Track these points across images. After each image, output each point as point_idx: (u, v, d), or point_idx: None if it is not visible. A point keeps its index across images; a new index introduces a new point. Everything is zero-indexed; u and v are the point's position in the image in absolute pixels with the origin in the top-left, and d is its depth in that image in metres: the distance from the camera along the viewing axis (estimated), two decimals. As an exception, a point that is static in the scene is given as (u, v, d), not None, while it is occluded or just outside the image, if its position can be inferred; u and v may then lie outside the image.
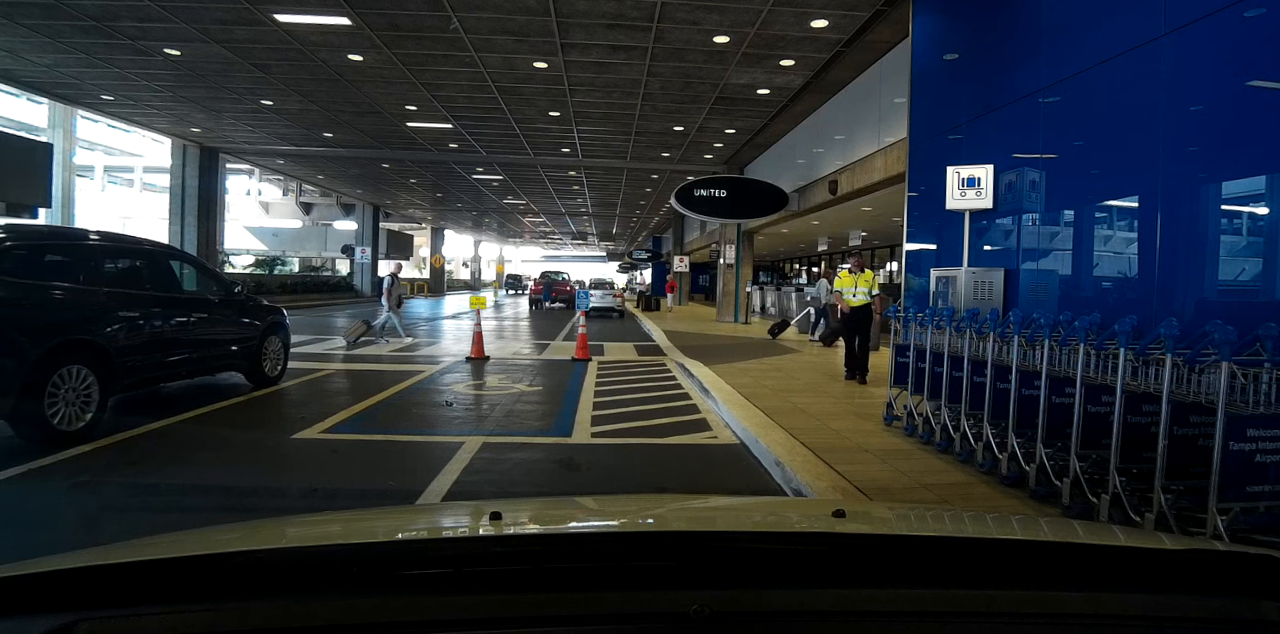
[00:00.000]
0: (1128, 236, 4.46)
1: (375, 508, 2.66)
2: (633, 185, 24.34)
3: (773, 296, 23.00)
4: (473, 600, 0.84)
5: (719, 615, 0.79)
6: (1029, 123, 5.45)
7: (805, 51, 10.24)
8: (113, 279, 5.59)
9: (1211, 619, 0.85)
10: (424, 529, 1.32)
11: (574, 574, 0.90)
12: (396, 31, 9.88)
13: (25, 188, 14.13)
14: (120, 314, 5.48)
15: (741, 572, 0.91)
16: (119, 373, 5.30)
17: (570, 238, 52.08)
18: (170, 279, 6.34)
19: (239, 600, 0.82)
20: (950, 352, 4.66)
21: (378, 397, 6.86)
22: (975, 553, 1.02)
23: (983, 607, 0.86)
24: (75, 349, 4.91)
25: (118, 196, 38.72)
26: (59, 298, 4.98)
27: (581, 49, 10.37)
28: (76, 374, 4.85)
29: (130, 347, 5.47)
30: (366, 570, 0.90)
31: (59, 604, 0.80)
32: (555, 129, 15.66)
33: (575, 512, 1.62)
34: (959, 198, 5.76)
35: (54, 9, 9.26)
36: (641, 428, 5.70)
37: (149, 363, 5.71)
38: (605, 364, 9.87)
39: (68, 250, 5.38)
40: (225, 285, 7.10)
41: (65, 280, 5.10)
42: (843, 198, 12.13)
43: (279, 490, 3.99)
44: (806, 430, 5.17)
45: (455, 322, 18.61)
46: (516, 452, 4.93)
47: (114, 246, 5.85)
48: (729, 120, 14.41)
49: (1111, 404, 3.25)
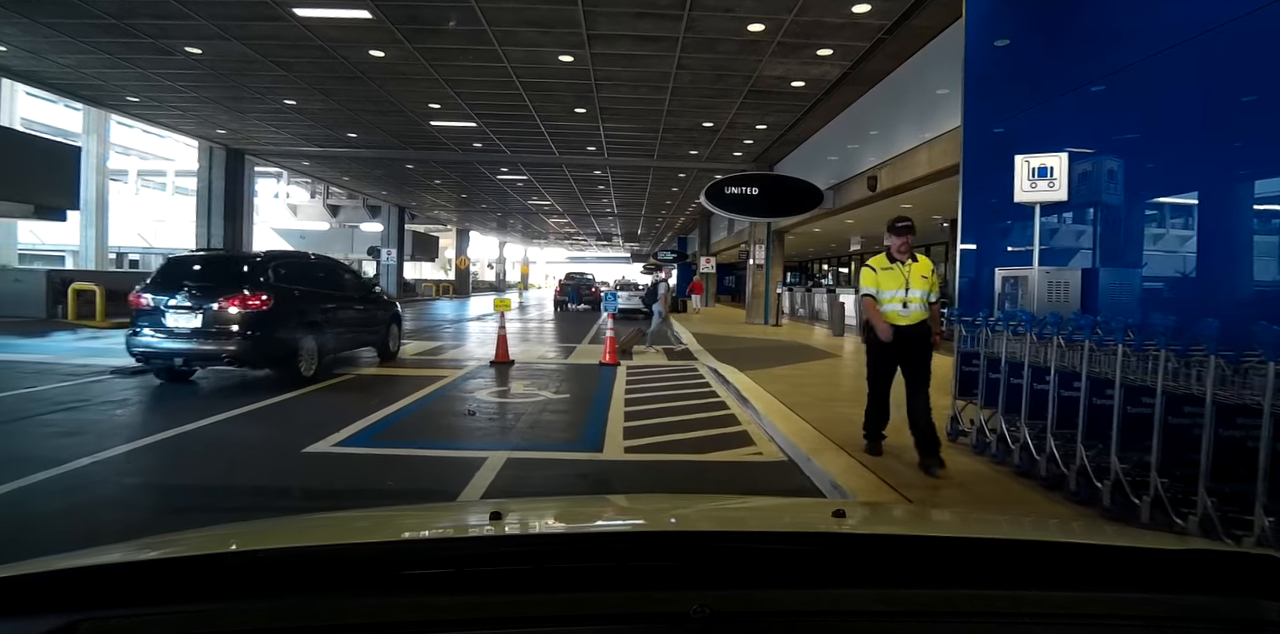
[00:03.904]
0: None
1: (376, 508, 2.61)
2: (659, 185, 23.89)
3: (820, 298, 22.43)
4: (473, 600, 0.84)
5: (719, 615, 0.79)
6: (1112, 104, 4.90)
7: (844, 39, 9.69)
8: (317, 283, 8.34)
9: (1211, 619, 0.84)
10: (424, 529, 1.32)
11: (574, 574, 0.90)
12: (417, 25, 9.55)
13: (54, 191, 14.16)
14: (326, 306, 8.23)
15: (742, 572, 0.91)
16: (326, 343, 7.98)
17: (594, 239, 51.78)
18: (342, 282, 8.96)
19: (239, 600, 0.82)
20: (1030, 360, 4.13)
21: (410, 398, 6.50)
22: (975, 553, 1.02)
23: (982, 607, 0.85)
24: (308, 327, 7.71)
25: (151, 200, 39.29)
26: (298, 295, 7.78)
27: (608, 40, 9.94)
28: (308, 342, 7.64)
29: (331, 326, 8.15)
30: (367, 570, 0.91)
31: (60, 604, 0.79)
32: (581, 126, 15.27)
33: (576, 512, 1.59)
34: (1029, 190, 5.20)
35: (72, 6, 9.08)
36: (678, 442, 5.24)
37: (340, 338, 8.42)
38: (634, 369, 9.43)
39: (296, 265, 8.20)
40: (369, 287, 9.83)
41: (299, 285, 7.89)
42: (882, 194, 11.55)
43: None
44: (862, 446, 4.66)
45: (480, 324, 18.34)
46: (544, 469, 4.51)
47: (314, 261, 8.85)
48: (760, 115, 13.88)
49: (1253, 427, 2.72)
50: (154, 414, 6.15)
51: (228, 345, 7.05)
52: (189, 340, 7.08)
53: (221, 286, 7.23)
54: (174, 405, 6.48)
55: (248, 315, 7.11)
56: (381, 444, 5.08)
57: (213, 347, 7.06)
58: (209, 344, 7.06)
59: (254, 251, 8.99)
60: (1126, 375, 3.31)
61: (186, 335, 7.08)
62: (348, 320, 8.68)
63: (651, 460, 4.73)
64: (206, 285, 7.31)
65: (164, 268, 7.82)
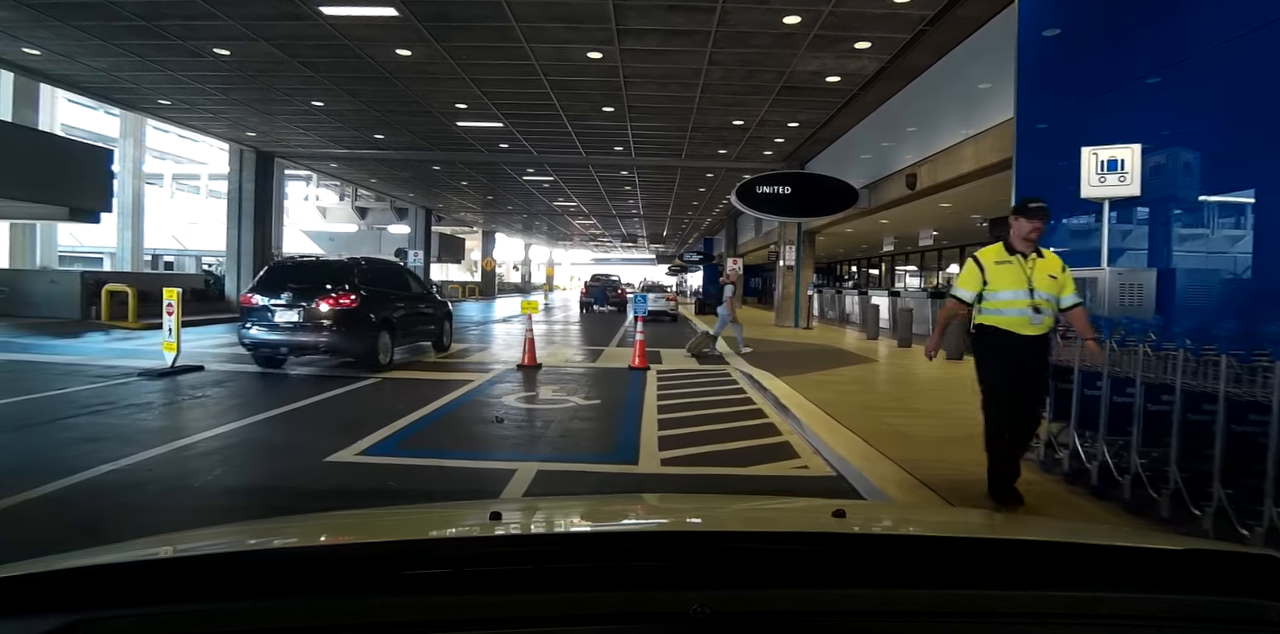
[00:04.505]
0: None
1: (376, 508, 2.57)
2: (686, 185, 23.58)
3: (851, 300, 22.00)
4: (473, 600, 0.84)
5: (719, 615, 0.79)
6: (1189, 93, 4.50)
7: (884, 31, 9.31)
8: (390, 285, 9.62)
9: (1211, 619, 0.84)
10: (424, 529, 1.30)
11: (574, 574, 0.89)
12: (444, 22, 9.38)
13: (88, 193, 14.29)
14: (397, 305, 9.47)
15: (742, 572, 0.91)
16: (397, 337, 9.29)
17: (619, 240, 51.60)
18: (408, 285, 10.35)
19: (239, 600, 0.82)
20: (1109, 370, 3.76)
21: (436, 404, 6.29)
22: (975, 553, 1.01)
23: (982, 607, 0.85)
24: (384, 323, 8.92)
25: (185, 203, 40.00)
26: (377, 296, 8.98)
27: (638, 36, 9.68)
28: (384, 336, 8.87)
29: (401, 323, 9.38)
30: (367, 570, 0.91)
31: (60, 604, 0.79)
32: (608, 126, 15.04)
33: (576, 512, 1.58)
34: (1097, 184, 4.82)
35: (102, 8, 9.07)
36: (716, 454, 4.94)
37: (407, 332, 9.75)
38: (664, 373, 9.15)
39: (374, 270, 9.50)
40: (427, 286, 11.48)
41: (377, 287, 9.08)
42: (921, 193, 11.13)
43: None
44: (919, 462, 4.33)
45: (505, 325, 18.20)
46: (576, 483, 4.25)
47: (387, 266, 10.73)
48: (793, 112, 13.51)
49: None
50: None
51: (322, 337, 8.37)
52: (290, 333, 8.40)
53: (316, 288, 8.48)
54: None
55: (339, 312, 8.38)
56: (406, 453, 4.86)
57: (310, 338, 8.39)
58: (307, 336, 8.38)
59: (341, 258, 9.89)
60: (1232, 389, 2.95)
61: (289, 329, 8.38)
62: (413, 318, 9.97)
63: (690, 474, 4.44)
64: (303, 287, 8.52)
65: (267, 272, 9.20)
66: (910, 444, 4.85)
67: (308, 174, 35.52)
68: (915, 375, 9.03)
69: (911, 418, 5.88)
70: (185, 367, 8.33)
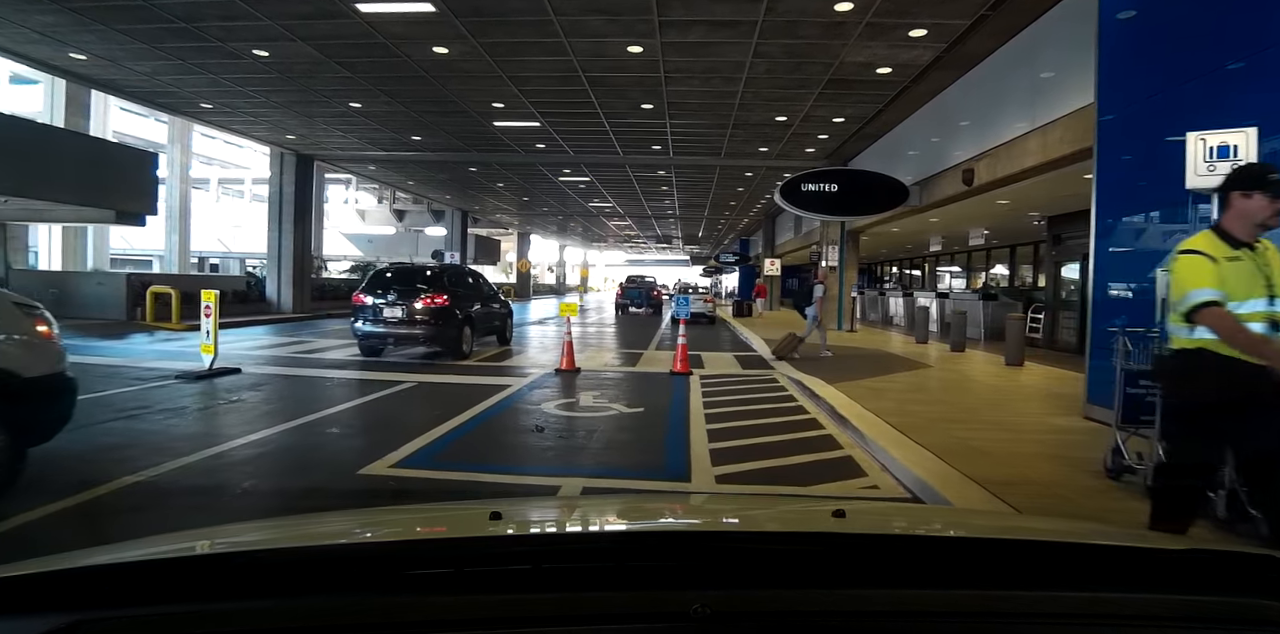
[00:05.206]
0: None
1: (377, 508, 2.51)
2: (724, 184, 23.12)
3: (896, 302, 21.32)
4: (474, 600, 0.84)
5: (720, 615, 0.78)
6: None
7: (942, 17, 8.78)
8: (468, 287, 11.28)
9: (1211, 619, 0.84)
10: (425, 530, 1.30)
11: (575, 574, 0.89)
12: (480, 18, 9.15)
13: (134, 196, 14.47)
14: (474, 304, 11.07)
15: (742, 572, 0.91)
16: (475, 331, 10.93)
17: (654, 241, 51.24)
18: (480, 287, 11.91)
19: (239, 600, 0.82)
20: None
21: (474, 410, 6.02)
22: (975, 553, 1.02)
23: (982, 607, 0.85)
24: (466, 319, 10.49)
25: (229, 207, 40.89)
26: (461, 296, 10.61)
27: (681, 28, 9.32)
28: (466, 329, 10.48)
29: (476, 319, 10.95)
30: (367, 570, 0.90)
31: (59, 604, 0.79)
32: (647, 124, 14.70)
33: (576, 512, 1.56)
34: (1205, 173, 4.30)
35: (142, 10, 9.06)
36: (775, 470, 4.54)
37: (481, 327, 11.29)
38: (708, 379, 8.76)
39: (457, 274, 11.48)
40: (493, 289, 12.70)
41: (460, 289, 10.78)
42: (979, 189, 10.52)
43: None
44: (1006, 485, 3.87)
45: (541, 327, 18.00)
46: (624, 503, 3.89)
47: (466, 271, 12.39)
48: (839, 107, 12.99)
49: None
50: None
51: (420, 330, 10.05)
52: (394, 327, 10.02)
53: (414, 290, 10.11)
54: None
55: (434, 310, 10.02)
56: (443, 465, 4.57)
57: (411, 331, 10.05)
58: (408, 329, 10.05)
59: (431, 264, 12.16)
60: None
61: (393, 323, 10.00)
62: (485, 315, 11.53)
63: (749, 493, 4.05)
64: (403, 288, 10.15)
65: (372, 277, 11.09)
66: (989, 462, 4.39)
67: (347, 177, 36.01)
68: (975, 383, 8.48)
69: (984, 431, 5.40)
70: (222, 369, 8.23)
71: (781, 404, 7.08)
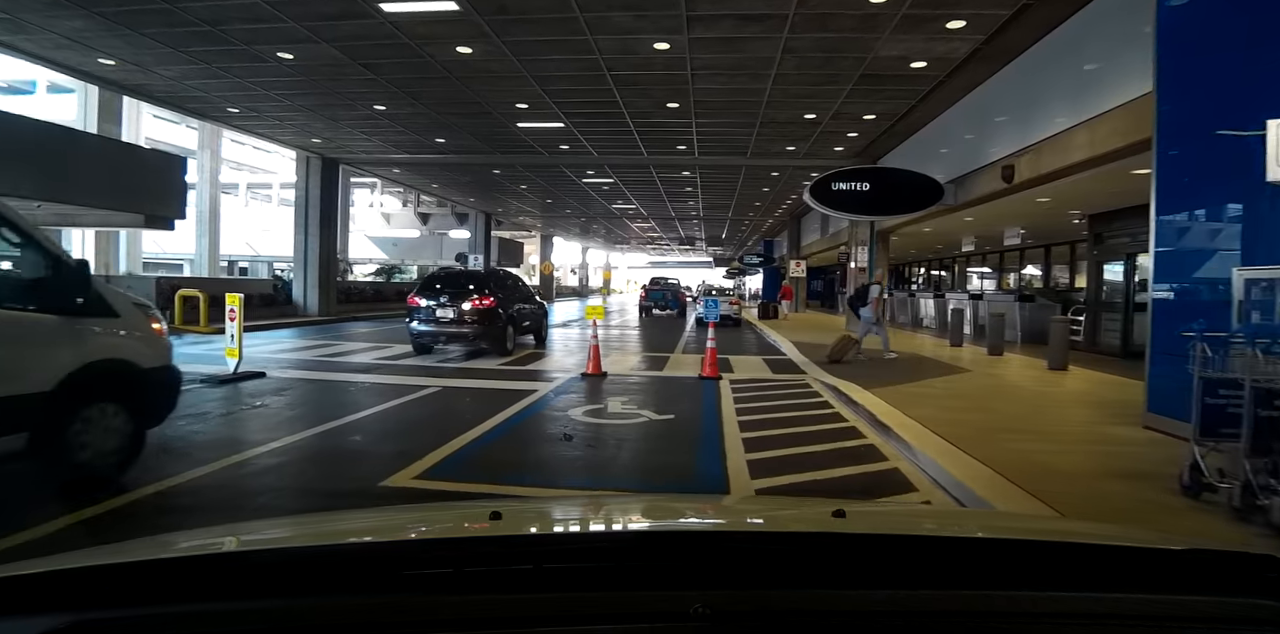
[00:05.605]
0: None
1: (377, 508, 2.46)
2: (749, 185, 22.79)
3: (927, 304, 20.82)
4: (473, 600, 0.84)
5: (720, 615, 0.78)
6: None
7: (981, 8, 8.43)
8: (510, 290, 12.05)
9: (1211, 619, 0.84)
10: (425, 530, 1.29)
11: (574, 574, 0.89)
12: (504, 16, 8.99)
13: (163, 201, 14.58)
14: (516, 305, 11.86)
15: (742, 572, 0.90)
16: (515, 329, 11.64)
17: (677, 243, 50.92)
18: (520, 289, 12.77)
19: (239, 601, 0.82)
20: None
21: (500, 417, 5.83)
22: (975, 553, 1.02)
23: (982, 607, 0.85)
24: (509, 319, 11.34)
25: (258, 211, 41.48)
26: (505, 298, 11.45)
27: (709, 23, 9.08)
28: (510, 328, 11.32)
29: (517, 318, 11.74)
30: (367, 570, 0.90)
31: (59, 604, 0.80)
32: (672, 123, 14.47)
33: (576, 512, 1.57)
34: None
35: (169, 14, 9.04)
36: (817, 484, 4.27)
37: (521, 327, 12.07)
38: (738, 384, 8.49)
39: (500, 277, 12.47)
40: (530, 291, 13.60)
41: (503, 291, 11.55)
42: (1019, 186, 10.11)
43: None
44: (1081, 507, 3.55)
45: (564, 330, 17.84)
46: (659, 520, 3.66)
47: (507, 275, 13.35)
48: (870, 104, 12.64)
49: None
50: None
51: (468, 329, 10.80)
52: (446, 326, 10.83)
53: (463, 292, 10.98)
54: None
55: (482, 311, 10.82)
56: (468, 477, 4.38)
57: (461, 330, 10.82)
58: (458, 329, 10.81)
59: (478, 269, 13.62)
60: None
61: (445, 322, 10.80)
62: (525, 316, 12.33)
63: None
64: (454, 291, 11.02)
65: (425, 280, 12.00)
66: (1053, 478, 4.08)
67: (372, 181, 36.26)
68: (1020, 388, 8.10)
69: (1038, 442, 5.07)
70: (247, 373, 8.15)
71: (818, 410, 6.79)
